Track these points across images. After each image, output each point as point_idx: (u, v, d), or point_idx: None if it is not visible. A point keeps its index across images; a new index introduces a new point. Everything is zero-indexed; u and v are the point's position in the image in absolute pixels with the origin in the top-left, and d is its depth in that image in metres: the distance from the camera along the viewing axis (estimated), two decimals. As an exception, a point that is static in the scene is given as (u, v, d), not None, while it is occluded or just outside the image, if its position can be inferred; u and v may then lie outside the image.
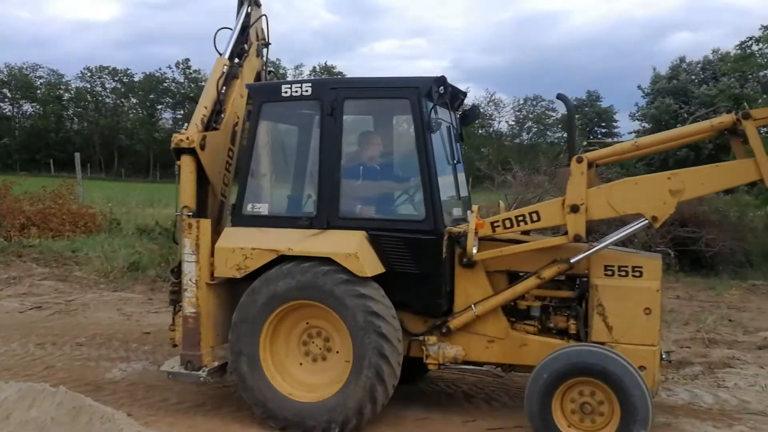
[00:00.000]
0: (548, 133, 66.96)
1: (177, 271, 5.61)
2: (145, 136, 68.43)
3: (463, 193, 5.81)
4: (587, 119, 62.45)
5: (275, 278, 5.11)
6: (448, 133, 5.71)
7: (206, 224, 5.41)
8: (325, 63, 74.85)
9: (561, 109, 60.63)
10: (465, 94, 6.00)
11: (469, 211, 5.46)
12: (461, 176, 5.79)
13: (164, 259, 12.22)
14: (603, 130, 64.51)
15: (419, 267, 5.15)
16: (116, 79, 73.86)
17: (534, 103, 69.71)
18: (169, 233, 13.39)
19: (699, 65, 34.83)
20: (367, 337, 4.90)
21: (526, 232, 5.36)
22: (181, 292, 5.42)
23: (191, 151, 5.46)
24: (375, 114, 6.09)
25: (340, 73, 66.93)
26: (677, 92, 32.52)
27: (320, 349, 5.28)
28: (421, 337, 5.32)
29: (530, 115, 69.72)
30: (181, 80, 73.86)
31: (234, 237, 5.38)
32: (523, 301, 5.31)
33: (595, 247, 5.04)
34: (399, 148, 6.06)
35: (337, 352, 5.22)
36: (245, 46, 6.22)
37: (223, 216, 5.96)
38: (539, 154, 22.24)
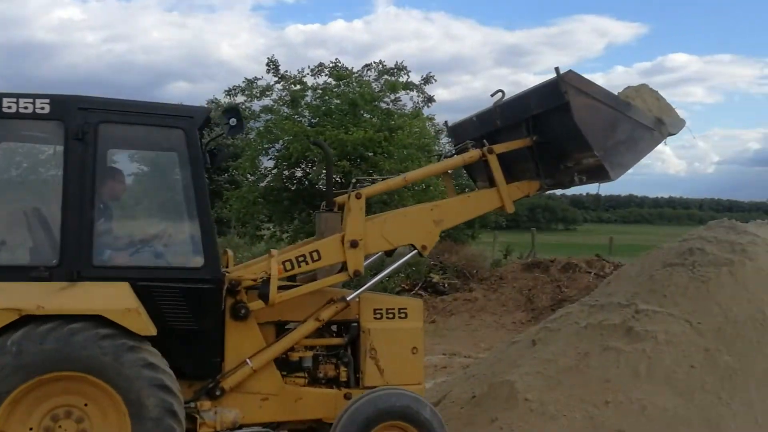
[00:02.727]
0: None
1: None
2: None
3: None
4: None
5: (18, 346, 3.98)
6: None
7: None
8: None
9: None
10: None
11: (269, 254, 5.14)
12: None
13: None
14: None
15: (197, 322, 4.60)
16: None
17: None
18: None
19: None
20: (156, 420, 4.14)
21: (291, 278, 5.21)
22: None
23: None
24: (139, 144, 5.29)
25: None
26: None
27: None
28: (191, 404, 4.67)
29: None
30: None
31: None
32: (295, 353, 5.10)
33: (371, 281, 5.29)
34: (169, 185, 5.30)
35: None
36: None
37: None
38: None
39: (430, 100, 19.04)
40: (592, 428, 5.43)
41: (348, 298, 5.14)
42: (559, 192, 6.29)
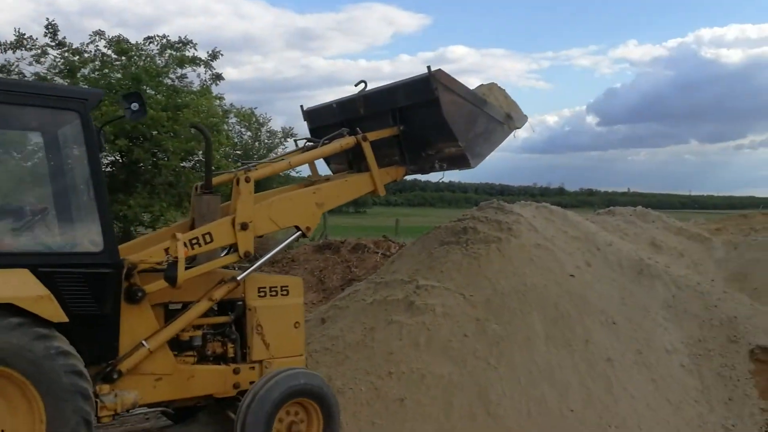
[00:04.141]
0: None
1: None
2: None
3: None
4: None
5: None
6: None
7: None
8: None
9: None
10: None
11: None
12: None
13: None
14: None
15: (98, 307, 4.63)
16: None
17: None
18: None
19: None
20: (69, 403, 4.15)
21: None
22: None
23: None
24: (31, 125, 5.08)
25: None
26: None
27: None
28: None
29: None
30: None
31: None
32: (185, 332, 5.23)
33: (259, 260, 5.44)
34: (63, 168, 5.10)
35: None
36: None
37: None
38: None
39: (218, 77, 18.61)
40: (376, 398, 5.79)
41: (239, 278, 5.33)
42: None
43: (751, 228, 9.78)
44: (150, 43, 17.84)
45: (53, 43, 16.88)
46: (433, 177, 6.91)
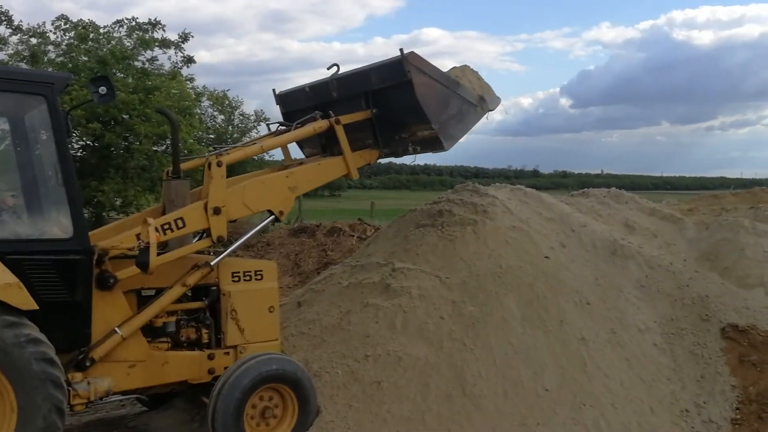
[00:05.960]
0: None
1: None
2: None
3: None
4: None
5: None
6: None
7: None
8: None
9: None
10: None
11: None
12: None
13: None
14: None
15: (69, 294, 4.63)
16: None
17: None
18: None
19: None
20: (40, 391, 4.12)
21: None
22: None
23: None
24: None
25: None
26: None
27: None
28: None
29: None
30: None
31: None
32: (158, 318, 5.23)
33: (232, 246, 5.39)
34: (30, 154, 5.05)
35: None
36: None
37: None
38: None
39: (189, 60, 18.40)
40: (353, 382, 5.79)
41: (212, 263, 5.31)
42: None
43: (722, 208, 9.91)
44: (120, 26, 17.57)
45: (10, 30, 16.61)
46: (406, 159, 6.96)
